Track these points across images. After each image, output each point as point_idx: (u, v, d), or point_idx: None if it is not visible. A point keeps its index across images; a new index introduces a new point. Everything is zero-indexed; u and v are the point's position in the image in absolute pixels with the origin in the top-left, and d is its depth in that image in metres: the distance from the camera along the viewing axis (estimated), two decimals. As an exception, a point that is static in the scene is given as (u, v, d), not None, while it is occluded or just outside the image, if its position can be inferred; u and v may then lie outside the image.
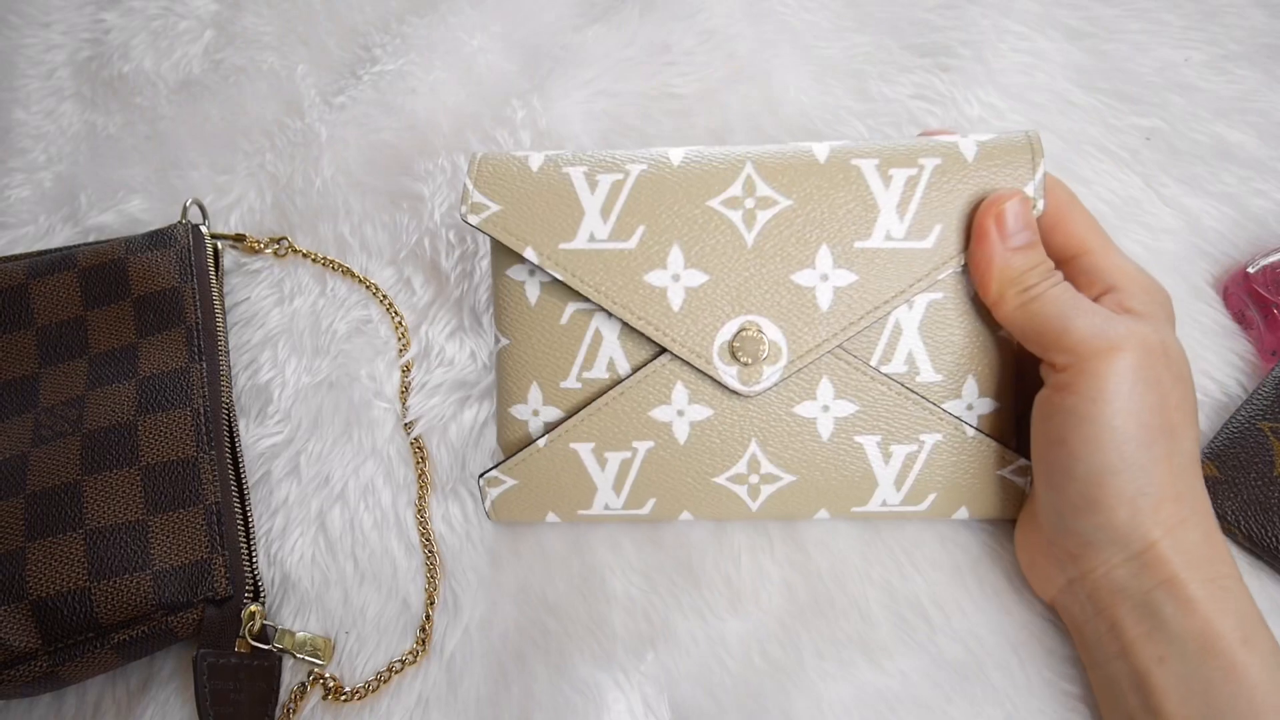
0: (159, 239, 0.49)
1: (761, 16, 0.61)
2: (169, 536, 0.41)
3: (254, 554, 0.43)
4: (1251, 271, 0.47)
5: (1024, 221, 0.38)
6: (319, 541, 0.46)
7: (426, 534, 0.46)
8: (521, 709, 0.41)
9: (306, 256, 0.54)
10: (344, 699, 0.42)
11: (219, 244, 0.52)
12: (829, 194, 0.40)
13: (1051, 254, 0.39)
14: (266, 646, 0.41)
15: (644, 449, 0.42)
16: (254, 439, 0.48)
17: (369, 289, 0.52)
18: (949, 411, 0.41)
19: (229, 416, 0.46)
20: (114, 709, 0.42)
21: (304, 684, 0.42)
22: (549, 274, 0.42)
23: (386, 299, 0.52)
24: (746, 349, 0.40)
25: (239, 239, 0.54)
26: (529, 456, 0.43)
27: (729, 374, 0.41)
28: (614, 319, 0.42)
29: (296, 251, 0.54)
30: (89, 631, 0.39)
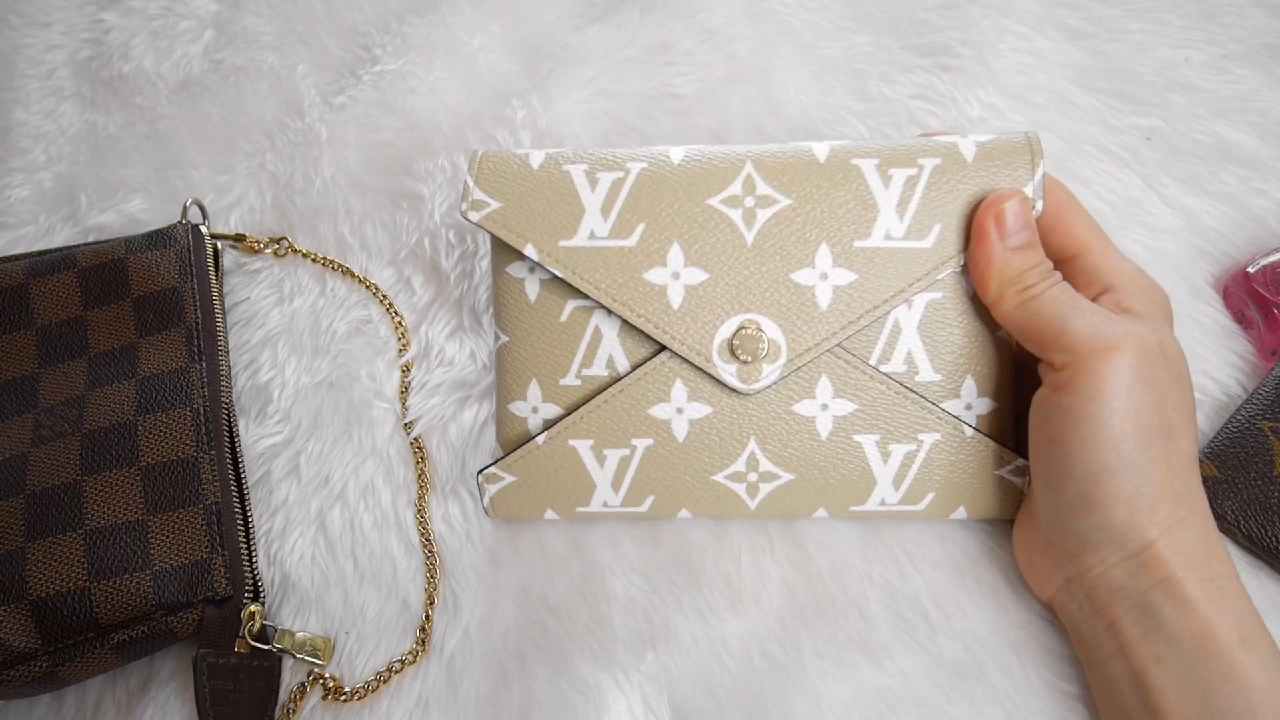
0: (159, 239, 0.49)
1: (761, 16, 0.61)
2: (169, 536, 0.41)
3: (254, 554, 0.43)
4: (1251, 271, 0.47)
5: (1023, 221, 0.38)
6: (319, 541, 0.46)
7: (426, 534, 0.46)
8: (521, 709, 0.41)
9: (306, 256, 0.54)
10: (344, 699, 0.42)
11: (219, 244, 0.52)
12: (829, 193, 0.40)
13: (1050, 254, 0.39)
14: (266, 646, 0.41)
15: (643, 446, 0.42)
16: (254, 439, 0.48)
17: (369, 289, 0.53)
18: (947, 411, 0.41)
19: (229, 416, 0.46)
20: (114, 709, 0.42)
21: (304, 684, 0.42)
22: (549, 271, 0.42)
23: (386, 299, 0.52)
24: (746, 347, 0.40)
25: (239, 239, 0.54)
26: (528, 453, 0.43)
27: (728, 372, 0.41)
28: (614, 316, 0.42)
29: (296, 251, 0.54)
30: (89, 631, 0.39)
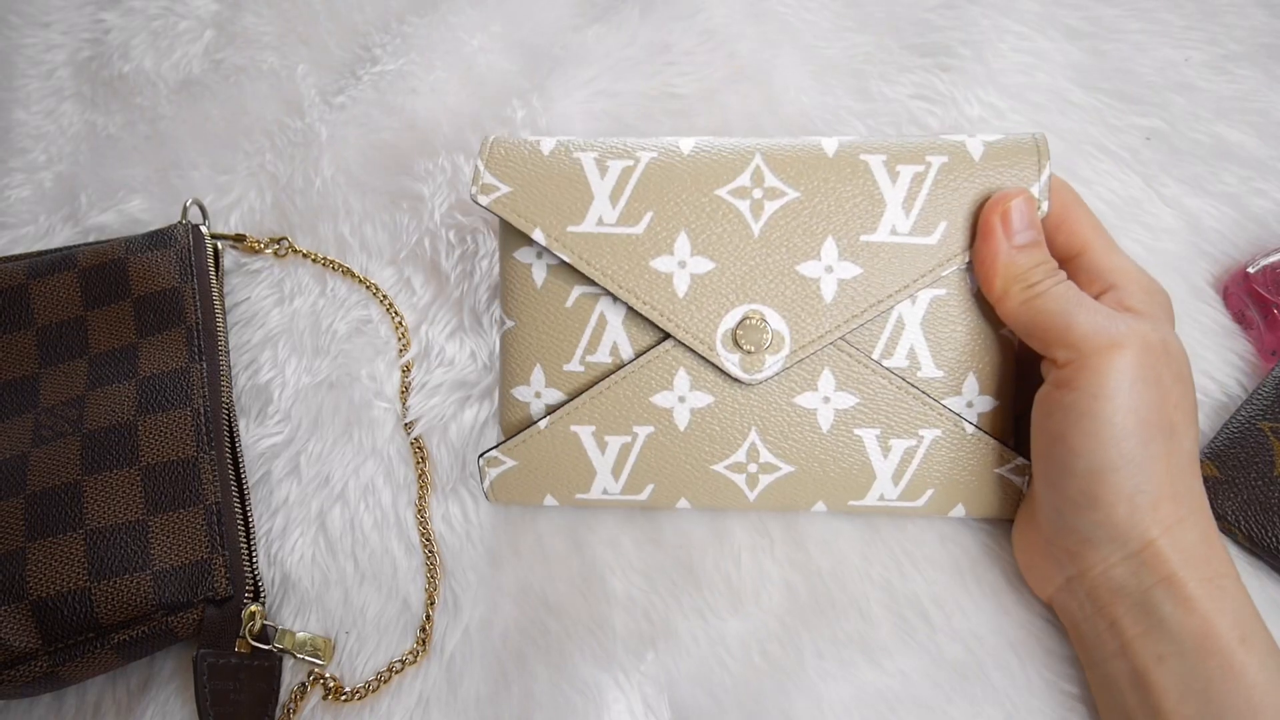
0: (159, 239, 0.49)
1: (762, 16, 0.61)
2: (169, 536, 0.41)
3: (254, 554, 0.43)
4: (1251, 271, 0.48)
5: (1028, 220, 0.39)
6: (319, 541, 0.46)
7: (426, 534, 0.46)
8: (522, 709, 0.41)
9: (306, 256, 0.54)
10: (344, 699, 0.42)
11: (219, 244, 0.52)
12: (836, 187, 0.40)
13: (1055, 253, 0.40)
14: (266, 646, 0.41)
15: (644, 434, 0.42)
16: (254, 439, 0.48)
17: (369, 289, 0.52)
18: (949, 408, 0.41)
19: (229, 416, 0.46)
20: (114, 709, 0.42)
21: (304, 684, 0.42)
22: (556, 257, 0.42)
23: (386, 299, 0.52)
24: (749, 337, 0.40)
25: (239, 239, 0.54)
26: (529, 438, 0.43)
27: (731, 361, 0.41)
28: (619, 303, 0.42)
29: (296, 251, 0.54)
30: (89, 631, 0.39)
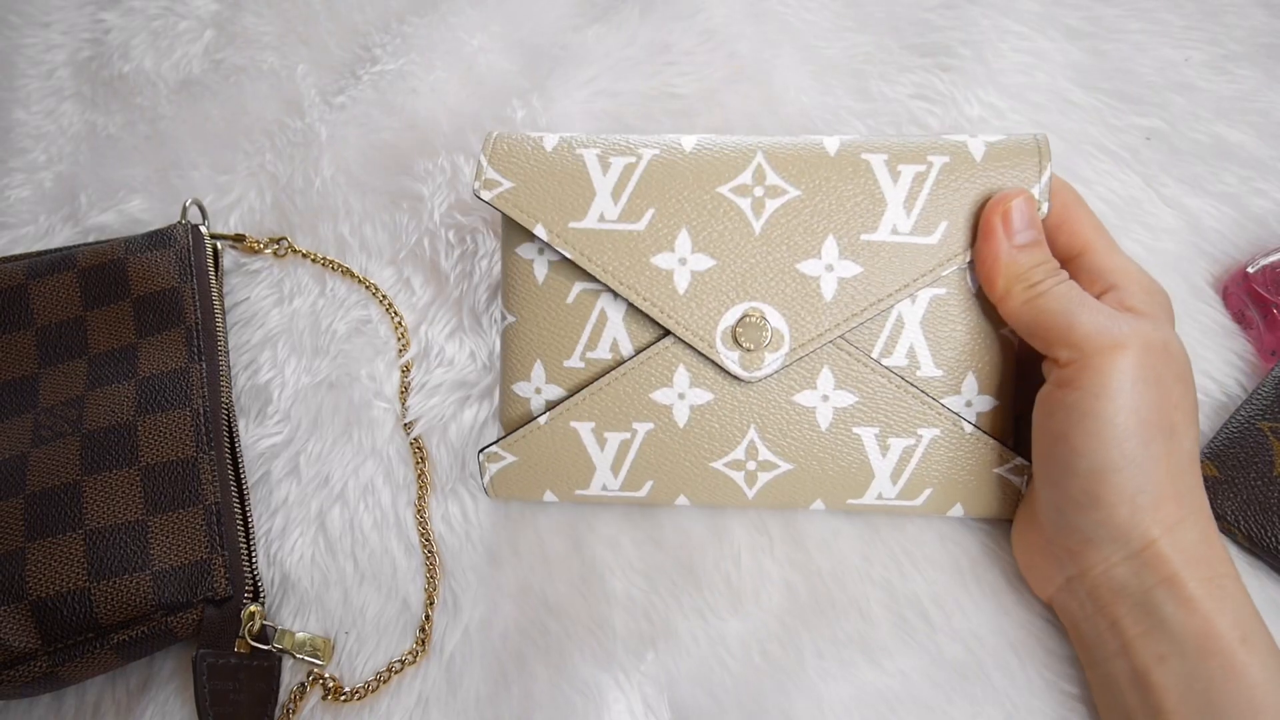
0: (159, 239, 0.49)
1: (762, 16, 0.61)
2: (169, 537, 0.41)
3: (254, 554, 0.43)
4: (1251, 271, 0.48)
5: (1029, 219, 0.39)
6: (319, 541, 0.46)
7: (426, 534, 0.46)
8: (522, 709, 0.41)
9: (306, 256, 0.54)
10: (344, 699, 0.42)
11: (219, 244, 0.52)
12: (837, 186, 0.40)
13: (1056, 254, 0.40)
14: (266, 647, 0.41)
15: (643, 430, 0.42)
16: (254, 439, 0.48)
17: (369, 289, 0.52)
18: (948, 407, 0.41)
19: (229, 416, 0.46)
20: (114, 709, 0.42)
21: (304, 684, 0.42)
22: (558, 253, 0.42)
23: (386, 299, 0.52)
24: (749, 335, 0.40)
25: (239, 239, 0.54)
26: (529, 433, 0.43)
27: (731, 359, 0.41)
28: (619, 300, 0.42)
29: (296, 251, 0.54)
30: (89, 632, 0.39)
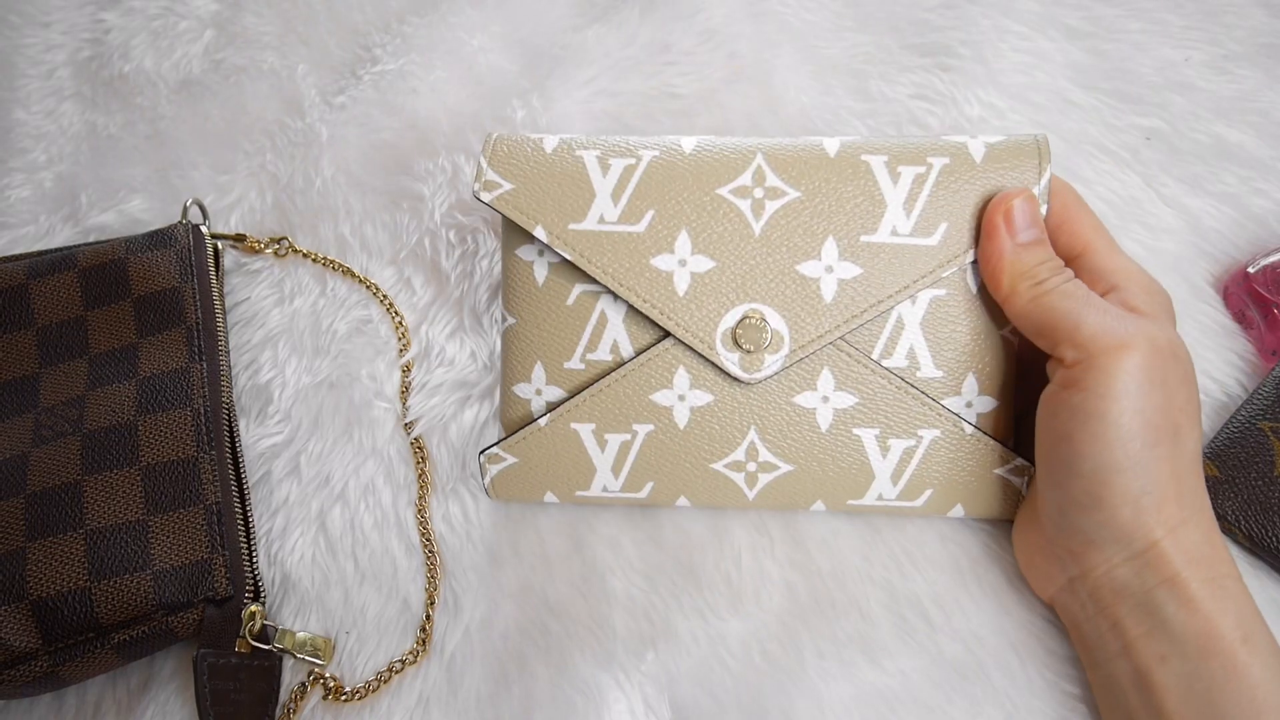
0: (159, 239, 0.49)
1: (761, 16, 0.61)
2: (169, 536, 0.41)
3: (254, 554, 0.43)
4: (1252, 271, 0.48)
5: (1031, 218, 0.39)
6: (319, 541, 0.46)
7: (427, 534, 0.46)
8: (522, 709, 0.41)
9: (306, 256, 0.54)
10: (344, 699, 0.42)
11: (219, 244, 0.52)
12: (837, 187, 0.40)
13: (1057, 254, 0.39)
14: (267, 646, 0.41)
15: (644, 432, 0.42)
16: (254, 439, 0.48)
17: (369, 289, 0.52)
18: (948, 408, 0.41)
19: (229, 416, 0.46)
20: (114, 709, 0.42)
21: (304, 684, 0.42)
22: (558, 254, 0.42)
23: (386, 299, 0.52)
24: (749, 336, 0.40)
25: (239, 239, 0.54)
26: (530, 435, 0.43)
27: (731, 360, 0.41)
28: (620, 301, 0.42)
29: (296, 251, 0.54)
30: (89, 631, 0.39)
